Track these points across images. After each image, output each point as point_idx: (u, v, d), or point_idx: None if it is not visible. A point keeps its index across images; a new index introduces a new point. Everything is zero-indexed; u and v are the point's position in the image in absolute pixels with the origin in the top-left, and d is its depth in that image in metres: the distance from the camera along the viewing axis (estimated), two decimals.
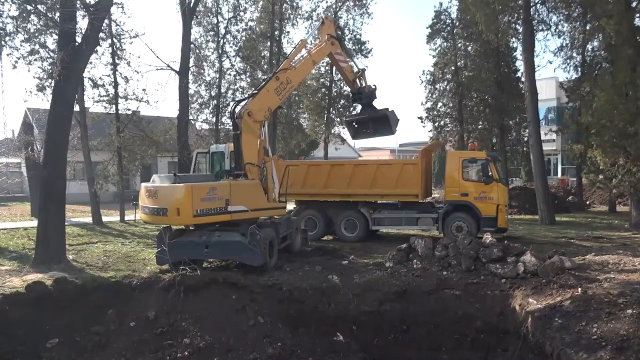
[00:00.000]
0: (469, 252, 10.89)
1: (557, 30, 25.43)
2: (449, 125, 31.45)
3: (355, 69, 16.81)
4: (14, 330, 8.13)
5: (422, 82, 31.74)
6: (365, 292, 10.01)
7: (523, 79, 25.17)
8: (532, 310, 8.35)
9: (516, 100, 28.22)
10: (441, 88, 31.42)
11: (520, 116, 28.91)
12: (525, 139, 27.97)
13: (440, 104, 31.40)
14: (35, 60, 16.91)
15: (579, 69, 26.14)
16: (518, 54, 29.25)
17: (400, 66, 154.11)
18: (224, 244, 11.09)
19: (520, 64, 28.30)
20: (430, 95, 31.51)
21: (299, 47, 14.49)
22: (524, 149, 29.25)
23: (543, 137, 23.17)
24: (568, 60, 26.47)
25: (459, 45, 30.92)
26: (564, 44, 26.19)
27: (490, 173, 15.69)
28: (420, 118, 31.66)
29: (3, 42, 13.90)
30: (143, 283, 9.71)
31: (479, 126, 30.22)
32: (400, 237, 16.34)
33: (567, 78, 28.03)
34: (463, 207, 15.93)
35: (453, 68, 30.53)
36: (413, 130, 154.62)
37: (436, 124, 31.27)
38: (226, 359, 7.56)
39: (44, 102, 22.72)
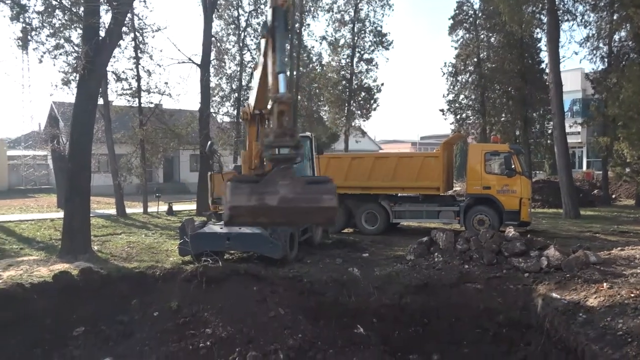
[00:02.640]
0: (491, 246, 10.77)
1: (583, 20, 24.92)
2: (471, 117, 31.14)
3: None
4: (42, 319, 8.32)
5: (444, 74, 31.46)
6: (386, 285, 9.98)
7: (547, 71, 24.71)
8: (555, 305, 8.24)
9: (540, 92, 27.77)
10: (463, 80, 31.09)
11: (544, 108, 28.46)
12: (550, 131, 27.53)
13: (462, 96, 31.10)
14: (60, 54, 17.13)
15: (606, 59, 25.57)
16: (542, 44, 28.76)
17: (422, 58, 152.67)
18: (245, 236, 11.17)
19: (544, 55, 27.86)
20: (452, 87, 31.21)
21: None
22: (548, 141, 28.81)
23: (568, 130, 22.76)
24: (594, 51, 25.95)
25: (482, 36, 30.52)
26: (590, 34, 25.66)
27: (513, 166, 15.49)
28: (442, 110, 31.41)
29: (29, 37, 14.13)
30: (166, 274, 9.83)
31: (502, 118, 29.84)
32: (421, 231, 16.25)
33: (593, 69, 27.50)
34: (485, 200, 15.76)
35: (475, 60, 30.16)
36: (434, 122, 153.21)
37: (458, 117, 30.97)
38: (247, 350, 7.60)
39: (69, 95, 23.11)
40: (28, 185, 38.86)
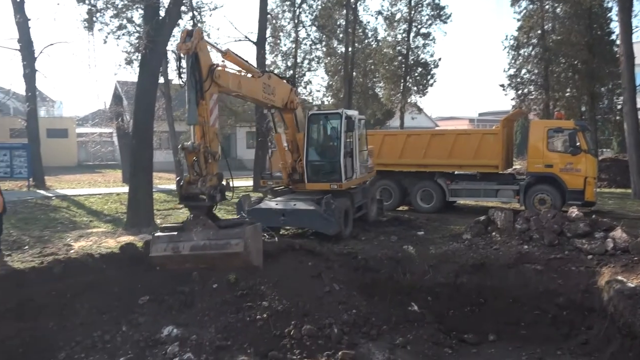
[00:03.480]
0: (552, 226, 10.42)
1: None
2: (533, 92, 29.85)
3: None
4: (111, 287, 8.81)
5: (505, 47, 30.21)
6: (442, 263, 9.89)
7: (618, 42, 23.25)
8: (621, 288, 7.90)
9: (609, 65, 26.22)
10: (526, 53, 29.76)
11: (613, 82, 26.90)
12: (619, 106, 26.05)
13: (524, 71, 29.82)
14: (123, 34, 17.74)
15: None
16: (613, 14, 27.02)
17: (481, 32, 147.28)
18: (300, 212, 11.33)
19: (615, 26, 26.21)
20: (513, 61, 29.97)
21: None
22: (617, 117, 27.28)
23: (639, 105, 21.49)
24: None
25: (547, 6, 28.98)
26: None
27: (578, 143, 14.83)
28: (502, 86, 30.29)
29: (94, 18, 14.71)
30: None
31: (567, 93, 28.47)
32: (478, 210, 15.91)
33: None
34: (547, 179, 15.21)
35: (539, 32, 28.74)
36: (493, 98, 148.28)
37: (519, 92, 29.80)
38: (303, 323, 7.78)
39: (131, 75, 23.94)
40: (95, 161, 40.92)
